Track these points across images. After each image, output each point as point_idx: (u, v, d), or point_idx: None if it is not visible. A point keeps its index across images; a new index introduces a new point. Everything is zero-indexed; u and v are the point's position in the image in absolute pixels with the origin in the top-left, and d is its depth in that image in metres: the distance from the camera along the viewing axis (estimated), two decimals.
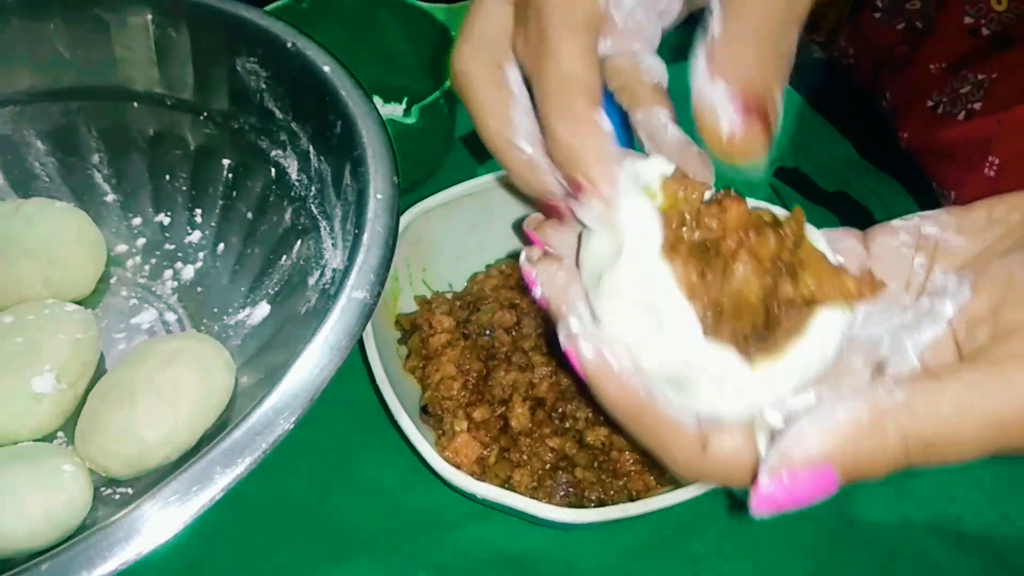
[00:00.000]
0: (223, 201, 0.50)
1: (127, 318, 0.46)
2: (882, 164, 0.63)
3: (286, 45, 0.45)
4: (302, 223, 0.46)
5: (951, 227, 0.29)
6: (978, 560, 0.44)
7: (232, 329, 0.45)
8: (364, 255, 0.36)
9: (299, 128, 0.46)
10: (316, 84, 0.43)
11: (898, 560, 0.43)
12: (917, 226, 0.30)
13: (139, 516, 0.28)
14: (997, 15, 0.55)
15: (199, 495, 0.29)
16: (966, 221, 0.29)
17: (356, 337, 0.33)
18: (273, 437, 0.30)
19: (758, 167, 0.28)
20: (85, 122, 0.51)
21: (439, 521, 0.43)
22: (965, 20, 0.56)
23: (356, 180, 0.40)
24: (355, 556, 0.42)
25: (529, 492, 0.39)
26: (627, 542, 0.43)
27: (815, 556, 0.43)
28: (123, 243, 0.50)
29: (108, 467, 0.38)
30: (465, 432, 0.41)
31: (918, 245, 0.30)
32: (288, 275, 0.45)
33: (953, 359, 0.26)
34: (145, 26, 0.48)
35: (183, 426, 0.38)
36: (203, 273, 0.48)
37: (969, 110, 0.55)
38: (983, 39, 0.56)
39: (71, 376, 0.40)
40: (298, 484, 0.44)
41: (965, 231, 0.29)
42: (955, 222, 0.29)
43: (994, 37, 0.55)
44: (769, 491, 0.24)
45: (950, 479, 0.47)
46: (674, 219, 0.28)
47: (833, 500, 0.47)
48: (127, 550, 0.28)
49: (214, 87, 0.49)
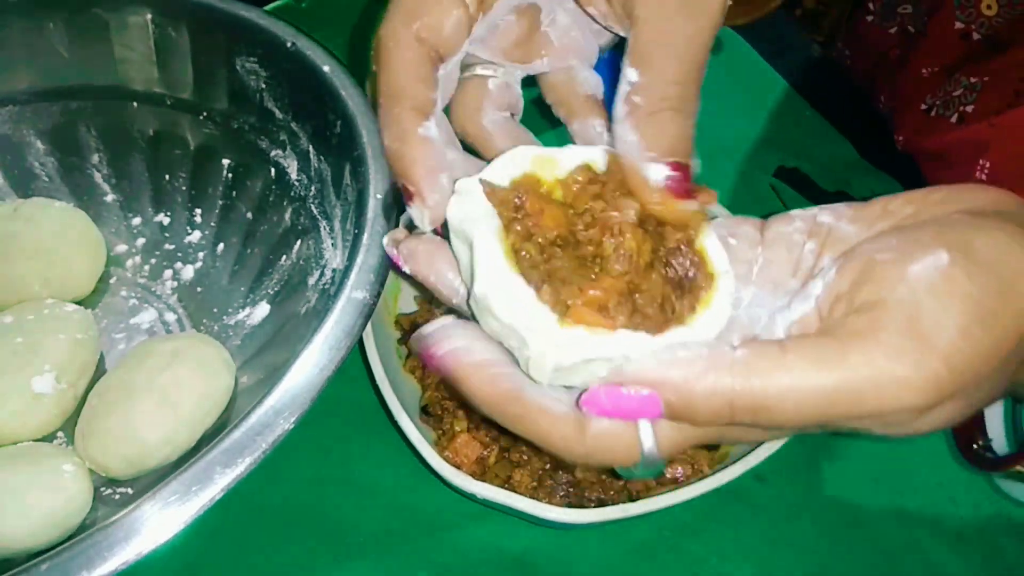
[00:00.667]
0: (223, 201, 0.50)
1: (127, 318, 0.46)
2: (882, 164, 0.63)
3: (286, 45, 0.45)
4: (302, 223, 0.46)
5: (846, 217, 0.30)
6: (978, 560, 0.44)
7: (232, 329, 0.45)
8: (364, 255, 0.36)
9: (299, 128, 0.46)
10: (316, 84, 0.43)
11: (898, 560, 0.44)
12: (814, 215, 0.31)
13: (139, 516, 0.29)
14: (987, 20, 0.55)
15: (199, 495, 0.29)
16: (862, 212, 0.30)
17: (356, 337, 0.34)
18: (273, 437, 0.30)
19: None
20: (85, 122, 0.51)
21: (439, 521, 0.43)
22: (956, 25, 0.57)
23: (356, 180, 0.40)
24: (355, 556, 0.42)
25: (529, 492, 0.39)
26: (627, 542, 0.43)
27: (815, 556, 0.43)
28: (123, 243, 0.49)
29: (108, 467, 0.38)
30: (465, 432, 0.41)
31: (811, 232, 0.31)
32: (288, 275, 0.45)
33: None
34: (145, 26, 0.48)
35: (183, 426, 0.38)
36: (203, 273, 0.48)
37: (961, 113, 0.55)
38: (974, 44, 0.56)
39: (71, 376, 0.40)
40: (298, 484, 0.44)
41: (858, 221, 0.30)
42: (852, 213, 0.30)
43: (985, 42, 0.55)
44: (596, 394, 0.26)
45: (950, 479, 0.47)
46: (511, 206, 0.29)
47: (833, 500, 0.47)
48: (127, 550, 0.28)
49: (214, 87, 0.49)
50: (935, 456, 0.47)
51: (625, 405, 0.26)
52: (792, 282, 0.31)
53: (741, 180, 0.62)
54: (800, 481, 0.46)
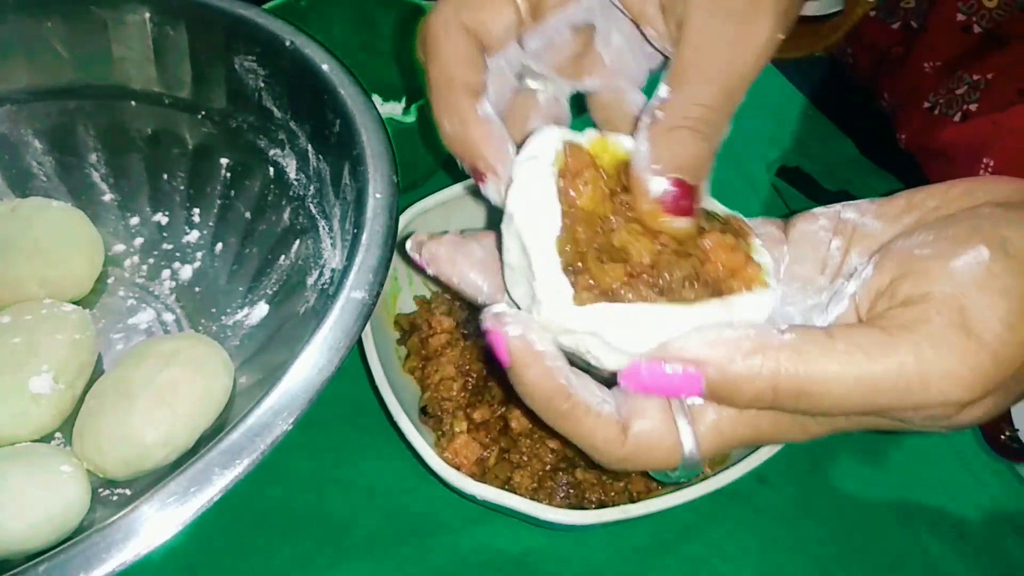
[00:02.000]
0: (221, 200, 0.49)
1: (125, 318, 0.46)
2: (884, 163, 0.63)
3: (284, 44, 0.45)
4: (301, 223, 0.45)
5: (870, 213, 0.30)
6: (979, 559, 0.44)
7: (230, 329, 0.45)
8: (363, 255, 0.36)
9: (298, 127, 0.46)
10: (315, 83, 0.43)
11: (899, 560, 0.43)
12: (837, 212, 0.31)
13: (137, 517, 0.28)
14: (988, 12, 0.55)
15: (197, 496, 0.29)
16: (886, 207, 0.30)
17: (355, 337, 0.33)
18: (272, 438, 0.30)
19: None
20: (83, 121, 0.51)
21: (438, 522, 0.43)
22: (957, 17, 0.57)
23: (355, 179, 0.39)
24: (354, 557, 0.41)
25: (529, 493, 0.39)
26: (628, 544, 0.43)
27: (816, 557, 0.43)
28: (121, 243, 0.49)
29: (106, 468, 0.38)
30: (465, 433, 0.40)
31: (836, 229, 0.31)
32: (287, 275, 0.45)
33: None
34: (143, 24, 0.48)
35: (181, 427, 0.38)
36: (201, 273, 0.48)
37: (965, 111, 0.55)
38: (975, 37, 0.56)
39: (69, 376, 0.40)
40: (296, 485, 0.44)
41: (883, 216, 0.30)
42: (876, 208, 0.30)
43: (986, 35, 0.56)
44: (637, 369, 0.27)
45: (952, 478, 0.47)
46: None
47: (834, 501, 0.47)
48: (125, 551, 0.28)
49: (212, 86, 0.49)
50: (937, 457, 0.47)
51: (666, 382, 0.26)
52: (820, 279, 0.31)
53: (743, 179, 0.62)
54: (801, 483, 0.46)
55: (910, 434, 0.48)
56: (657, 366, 0.26)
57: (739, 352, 0.25)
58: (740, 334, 0.26)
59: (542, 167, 0.30)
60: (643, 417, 0.27)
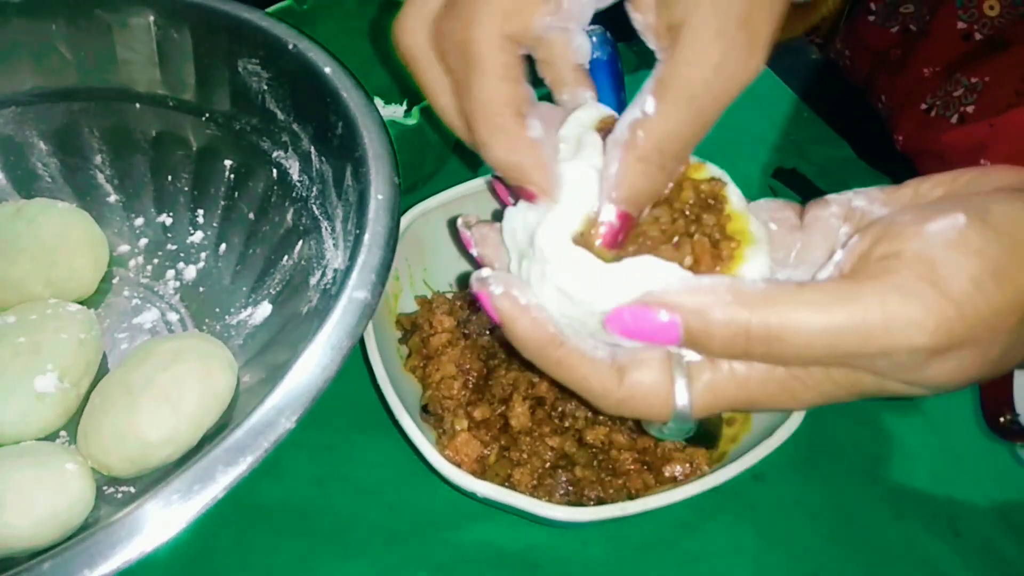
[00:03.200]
0: (225, 202, 0.50)
1: (129, 318, 0.47)
2: (880, 165, 0.63)
3: (287, 47, 0.45)
4: (303, 223, 0.46)
5: (878, 200, 0.31)
6: (977, 559, 0.44)
7: (234, 329, 0.46)
8: (365, 255, 0.36)
9: (300, 129, 0.46)
10: (317, 85, 0.43)
11: (896, 559, 0.44)
12: (849, 199, 0.32)
13: (141, 515, 0.29)
14: (990, 20, 0.55)
15: (201, 494, 0.29)
16: (894, 195, 0.31)
17: (357, 337, 0.34)
18: (275, 436, 0.30)
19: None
20: (87, 123, 0.51)
21: (439, 520, 0.43)
22: (958, 25, 0.57)
23: (357, 181, 0.40)
24: (356, 554, 0.42)
25: (529, 491, 0.39)
26: (626, 540, 0.43)
27: (813, 555, 0.43)
28: (125, 243, 0.50)
29: (110, 466, 0.38)
30: (465, 431, 0.41)
31: (846, 216, 0.32)
32: (290, 275, 0.45)
33: None
34: (147, 27, 0.48)
35: (185, 425, 0.38)
36: (205, 273, 0.48)
37: (962, 113, 0.55)
38: (976, 43, 0.56)
39: (74, 376, 0.41)
40: (299, 483, 0.44)
41: (890, 204, 0.31)
42: (884, 196, 0.31)
43: (986, 41, 0.56)
44: (620, 313, 0.28)
45: (949, 478, 0.47)
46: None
47: (831, 499, 0.47)
48: (129, 549, 0.28)
49: (216, 88, 0.49)
50: (933, 454, 0.48)
51: (647, 325, 0.27)
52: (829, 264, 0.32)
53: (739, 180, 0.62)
54: (798, 480, 0.46)
55: (909, 435, 0.48)
56: (639, 310, 0.27)
57: (716, 299, 0.26)
58: (717, 282, 0.27)
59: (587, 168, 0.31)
60: (643, 367, 0.28)
